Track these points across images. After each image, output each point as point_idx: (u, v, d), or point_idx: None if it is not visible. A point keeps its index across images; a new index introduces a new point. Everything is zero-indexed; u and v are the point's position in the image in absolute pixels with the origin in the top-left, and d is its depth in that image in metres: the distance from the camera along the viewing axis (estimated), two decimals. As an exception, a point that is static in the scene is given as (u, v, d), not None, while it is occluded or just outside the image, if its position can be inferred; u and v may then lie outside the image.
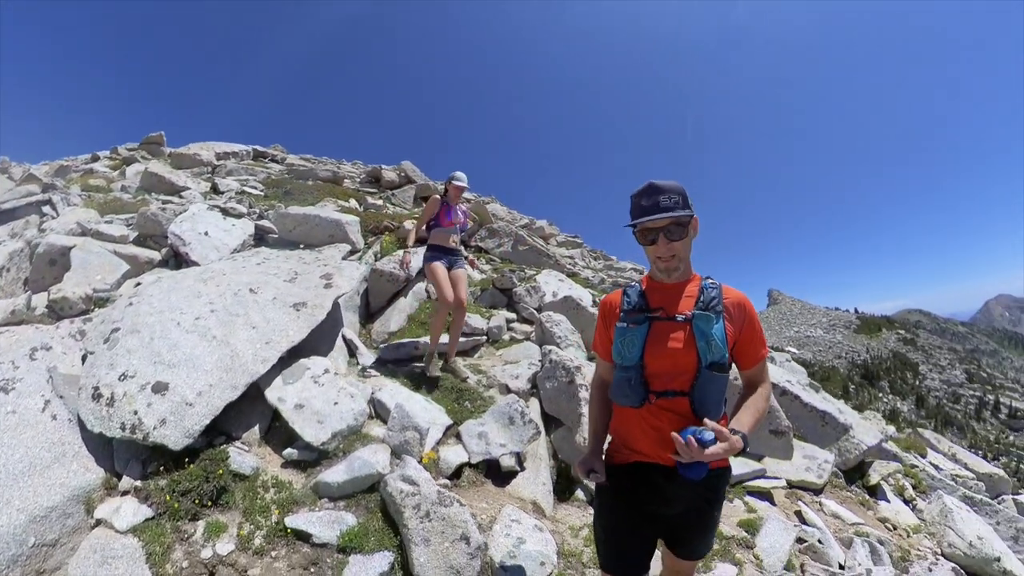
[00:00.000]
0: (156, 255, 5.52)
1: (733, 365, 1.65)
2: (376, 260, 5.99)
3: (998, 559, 3.85)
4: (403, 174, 13.05)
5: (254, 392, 3.16)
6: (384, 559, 2.24)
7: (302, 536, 2.39)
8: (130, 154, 13.82)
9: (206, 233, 5.47)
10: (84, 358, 3.32)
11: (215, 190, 9.43)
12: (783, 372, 6.20)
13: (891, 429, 7.37)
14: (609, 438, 1.78)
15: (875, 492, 4.57)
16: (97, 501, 2.59)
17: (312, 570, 2.25)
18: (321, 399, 3.04)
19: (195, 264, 5.04)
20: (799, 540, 3.26)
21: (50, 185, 8.47)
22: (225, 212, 6.08)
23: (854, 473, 4.68)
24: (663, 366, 1.57)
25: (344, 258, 5.32)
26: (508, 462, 3.03)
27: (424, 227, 4.31)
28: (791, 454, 4.26)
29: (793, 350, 11.41)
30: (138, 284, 4.68)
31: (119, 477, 2.72)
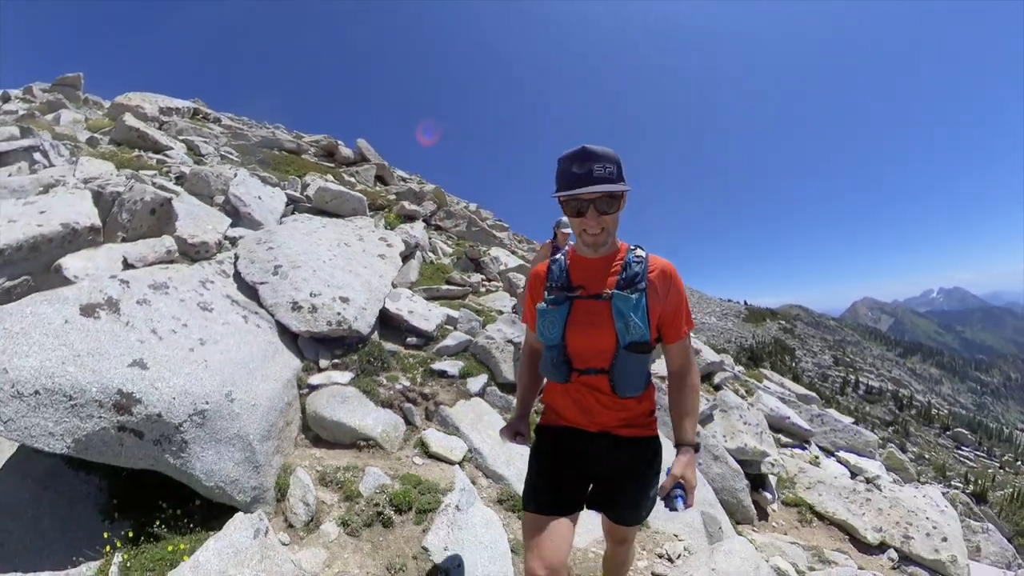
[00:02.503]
0: (210, 213, 7.35)
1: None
2: (391, 231, 8.38)
3: (788, 418, 7.62)
4: (359, 152, 14.99)
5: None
6: (483, 378, 4.90)
7: (441, 374, 4.84)
8: (50, 97, 13.97)
9: (259, 197, 7.42)
10: (250, 288, 4.64)
11: (194, 151, 10.79)
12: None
13: (739, 368, 11.43)
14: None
15: (718, 389, 8.14)
16: (306, 377, 4.08)
17: (453, 386, 4.74)
18: (421, 308, 5.63)
19: (259, 224, 7.04)
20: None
21: (27, 130, 9.34)
22: (263, 180, 8.04)
23: (704, 380, 8.22)
24: (583, 346, 1.71)
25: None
26: (518, 340, 5.90)
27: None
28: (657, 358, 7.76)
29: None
30: (226, 237, 6.61)
31: (315, 362, 4.31)
